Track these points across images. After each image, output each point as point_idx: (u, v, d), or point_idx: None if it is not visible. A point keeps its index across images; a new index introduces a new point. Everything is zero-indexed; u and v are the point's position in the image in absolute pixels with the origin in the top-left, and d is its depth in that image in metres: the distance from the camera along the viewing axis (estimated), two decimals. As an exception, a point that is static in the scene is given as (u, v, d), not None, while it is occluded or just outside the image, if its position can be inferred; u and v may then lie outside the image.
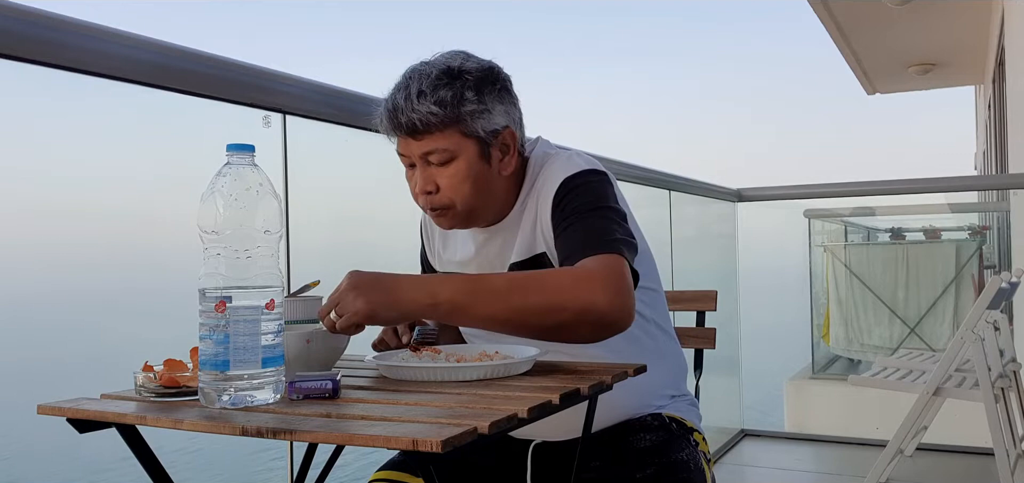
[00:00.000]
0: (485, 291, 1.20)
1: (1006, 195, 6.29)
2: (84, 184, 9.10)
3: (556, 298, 1.18)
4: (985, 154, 10.87)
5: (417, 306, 1.18)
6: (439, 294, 1.18)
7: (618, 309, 1.18)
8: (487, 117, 1.32)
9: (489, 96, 1.32)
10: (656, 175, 3.62)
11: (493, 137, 1.33)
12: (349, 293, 1.16)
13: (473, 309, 1.19)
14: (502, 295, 1.19)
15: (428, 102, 1.28)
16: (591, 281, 1.18)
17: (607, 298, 1.17)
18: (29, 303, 17.46)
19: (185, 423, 0.96)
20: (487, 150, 1.33)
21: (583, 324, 1.18)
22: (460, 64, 1.32)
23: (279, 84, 1.73)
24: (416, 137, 1.31)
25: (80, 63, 1.34)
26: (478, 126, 1.31)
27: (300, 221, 1.75)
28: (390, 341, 1.39)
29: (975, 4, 6.69)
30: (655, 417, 1.42)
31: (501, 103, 1.34)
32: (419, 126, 1.29)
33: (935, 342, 6.00)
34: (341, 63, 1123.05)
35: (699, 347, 1.79)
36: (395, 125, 1.31)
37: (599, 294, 1.17)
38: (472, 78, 1.31)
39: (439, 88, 1.28)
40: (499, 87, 1.35)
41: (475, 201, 1.34)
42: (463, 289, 1.19)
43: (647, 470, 1.32)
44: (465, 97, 1.30)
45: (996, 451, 2.75)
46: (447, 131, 1.30)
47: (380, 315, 1.17)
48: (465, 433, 0.84)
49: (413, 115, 1.28)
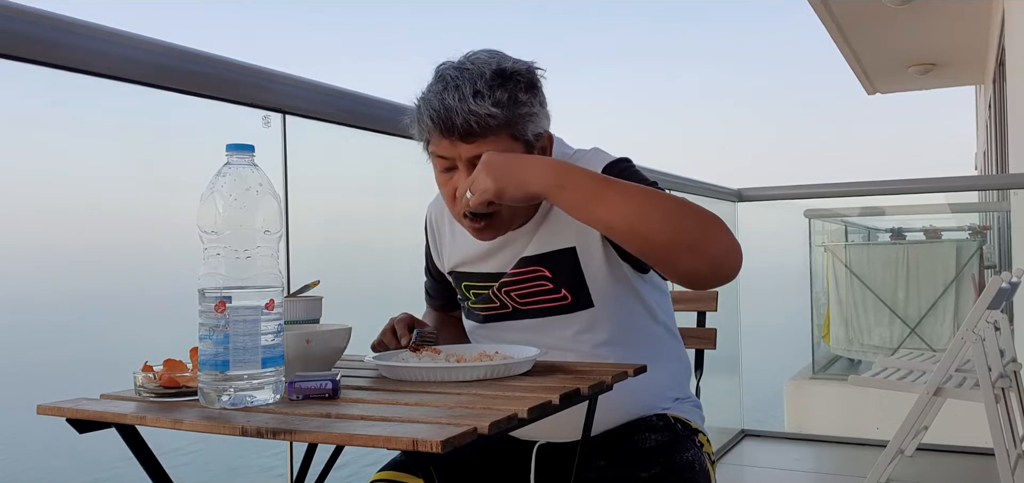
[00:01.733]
0: (615, 187, 1.18)
1: (1006, 195, 6.29)
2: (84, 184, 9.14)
3: (683, 216, 1.16)
4: (985, 154, 10.87)
5: (544, 187, 1.17)
6: (567, 180, 1.16)
7: (736, 254, 1.17)
8: (535, 120, 1.29)
9: (536, 98, 1.30)
10: (656, 175, 3.61)
11: (537, 140, 1.31)
12: (481, 172, 1.18)
13: (600, 201, 1.16)
14: (631, 196, 1.17)
15: (486, 103, 1.23)
16: (716, 219, 1.17)
17: (728, 240, 1.16)
18: (29, 303, 17.46)
19: (185, 423, 0.96)
20: (532, 153, 1.30)
21: (700, 253, 1.16)
22: (511, 65, 1.28)
23: (279, 84, 1.73)
24: (469, 140, 1.25)
25: (80, 63, 1.34)
26: (528, 129, 1.28)
27: (300, 221, 1.75)
28: (389, 343, 1.39)
29: (975, 4, 6.69)
30: (660, 418, 1.42)
31: (543, 106, 1.32)
32: (475, 128, 1.24)
33: (935, 342, 6.00)
34: (341, 63, 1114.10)
35: (699, 347, 1.80)
36: (447, 127, 1.25)
37: (723, 232, 1.16)
38: (523, 80, 1.28)
39: (495, 88, 1.24)
40: (541, 89, 1.33)
41: (518, 210, 1.32)
42: (593, 180, 1.17)
43: (653, 470, 1.32)
44: (519, 99, 1.26)
45: (996, 451, 2.75)
46: (500, 134, 1.25)
47: (508, 192, 1.17)
48: (465, 433, 0.84)
49: (470, 116, 1.23)
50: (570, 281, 1.37)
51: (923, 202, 6.26)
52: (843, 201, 6.39)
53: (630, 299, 1.41)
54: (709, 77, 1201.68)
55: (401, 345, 1.36)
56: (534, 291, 1.40)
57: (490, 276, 1.44)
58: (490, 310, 1.45)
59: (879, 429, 3.97)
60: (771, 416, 6.81)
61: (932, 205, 6.32)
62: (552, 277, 1.38)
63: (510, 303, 1.42)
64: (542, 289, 1.39)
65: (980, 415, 2.79)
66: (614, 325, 1.40)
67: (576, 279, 1.37)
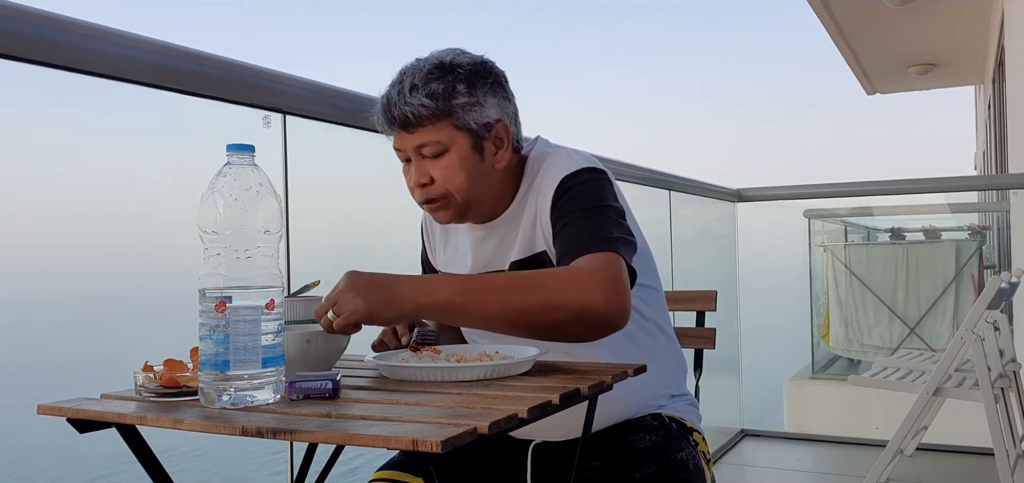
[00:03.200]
0: (483, 290, 1.20)
1: (1006, 195, 6.29)
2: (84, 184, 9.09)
3: (554, 297, 1.18)
4: (985, 154, 10.88)
5: (416, 306, 1.18)
6: (437, 293, 1.19)
7: (615, 308, 1.19)
8: (479, 110, 1.33)
9: (481, 89, 1.34)
10: (656, 175, 3.62)
11: (486, 130, 1.35)
12: (347, 293, 1.16)
13: (472, 308, 1.19)
14: (500, 294, 1.20)
15: (420, 95, 1.30)
16: (588, 281, 1.19)
17: (604, 297, 1.18)
18: (29, 303, 17.45)
19: (185, 423, 0.96)
20: (480, 143, 1.35)
21: (580, 323, 1.19)
22: (452, 59, 1.34)
23: (279, 84, 1.73)
24: (409, 130, 1.33)
25: (80, 63, 1.34)
26: (470, 119, 1.33)
27: (300, 221, 1.75)
28: (389, 342, 1.39)
29: (975, 4, 6.69)
30: (655, 417, 1.42)
31: (494, 97, 1.36)
32: (411, 119, 1.31)
33: (935, 342, 6.00)
34: (341, 63, 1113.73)
35: (699, 347, 1.79)
36: (389, 119, 1.34)
37: (596, 293, 1.18)
38: (464, 71, 1.33)
39: (431, 81, 1.31)
40: (491, 81, 1.36)
41: (470, 193, 1.36)
42: (461, 288, 1.20)
43: (647, 470, 1.32)
44: (456, 90, 1.32)
45: (996, 451, 2.75)
46: (439, 124, 1.32)
47: (379, 315, 1.17)
48: (465, 433, 0.84)
49: (405, 108, 1.30)
50: None
51: (923, 202, 6.26)
52: (843, 201, 6.39)
53: None
54: (709, 77, 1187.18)
55: (401, 343, 1.37)
56: None
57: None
58: None
59: (879, 429, 3.97)
60: (771, 416, 6.81)
61: (932, 205, 6.32)
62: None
63: None
64: None
65: (980, 415, 2.79)
66: None
67: None
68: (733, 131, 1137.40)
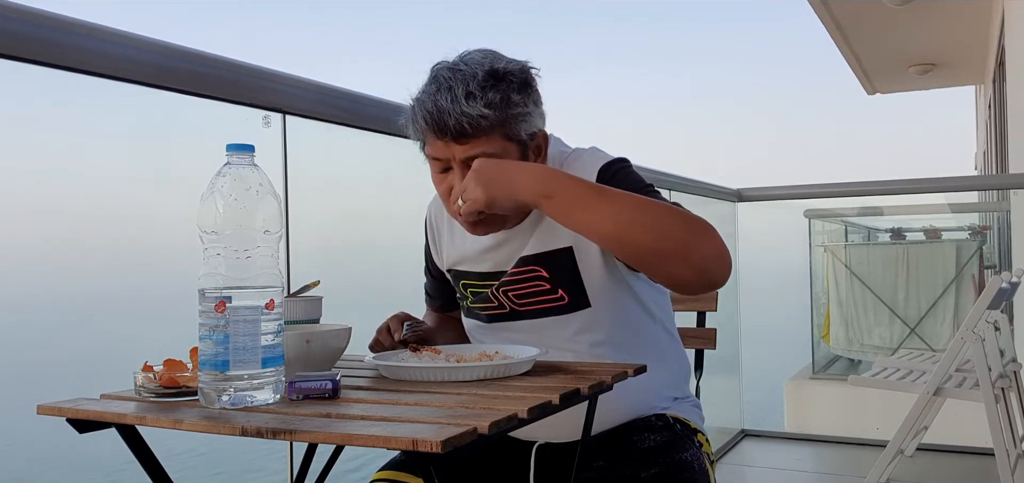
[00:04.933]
0: (602, 194, 1.18)
1: (1006, 195, 6.28)
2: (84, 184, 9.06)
3: (671, 224, 1.17)
4: (985, 154, 10.88)
5: (533, 195, 1.17)
6: (554, 187, 1.17)
7: (724, 261, 1.18)
8: (529, 120, 1.29)
9: (529, 98, 1.30)
10: (656, 175, 3.61)
11: (531, 139, 1.31)
12: (471, 180, 1.19)
13: (586, 208, 1.17)
14: (618, 203, 1.17)
15: (478, 105, 1.23)
16: (705, 227, 1.18)
17: (715, 247, 1.17)
18: (29, 303, 17.44)
19: (185, 423, 0.96)
20: (525, 153, 1.31)
21: (687, 261, 1.17)
22: (504, 66, 1.28)
23: (279, 84, 1.73)
24: (462, 141, 1.26)
25: (80, 63, 1.34)
26: (521, 129, 1.28)
27: (300, 221, 1.75)
28: (384, 340, 1.39)
29: (975, 4, 6.69)
30: (659, 417, 1.42)
31: (537, 105, 1.32)
32: (468, 129, 1.24)
33: (935, 342, 6.00)
34: (341, 63, 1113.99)
35: (699, 347, 1.80)
36: (440, 128, 1.25)
37: (710, 240, 1.17)
38: (516, 80, 1.28)
39: (487, 89, 1.24)
40: (535, 88, 1.33)
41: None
42: (581, 188, 1.18)
43: (651, 470, 1.32)
44: (512, 99, 1.26)
45: (996, 451, 2.75)
46: (493, 135, 1.26)
47: (498, 201, 1.18)
48: (465, 433, 0.84)
49: (463, 117, 1.23)
50: (567, 281, 1.37)
51: (923, 202, 6.25)
52: (843, 201, 6.39)
53: (627, 299, 1.41)
54: (709, 77, 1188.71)
55: (395, 341, 1.37)
56: (531, 291, 1.40)
57: (488, 275, 1.44)
58: (489, 310, 1.45)
59: (879, 429, 3.97)
60: (771, 416, 6.80)
61: (932, 205, 6.32)
62: (549, 277, 1.38)
63: (508, 304, 1.42)
64: (539, 289, 1.39)
65: (980, 415, 2.79)
66: (611, 325, 1.39)
67: (573, 279, 1.37)
68: (733, 131, 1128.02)
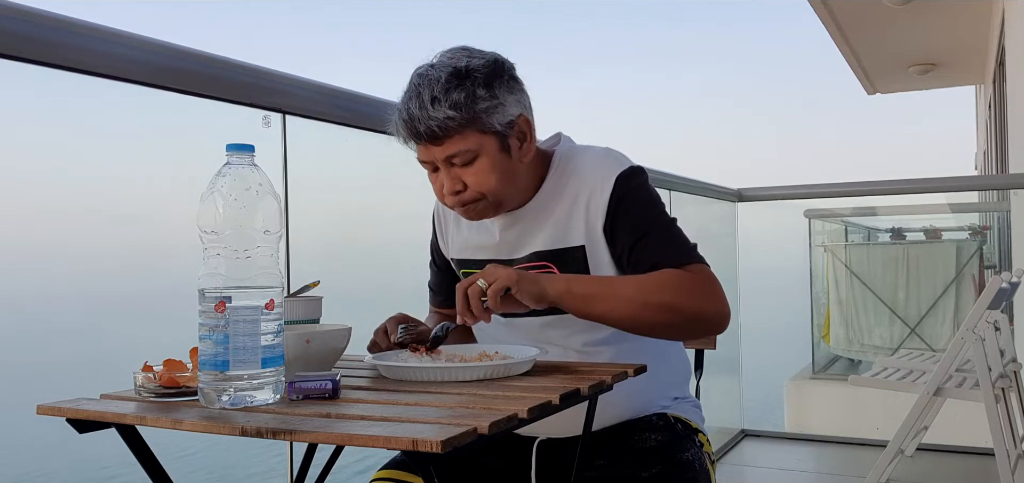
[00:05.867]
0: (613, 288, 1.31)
1: (1006, 195, 6.28)
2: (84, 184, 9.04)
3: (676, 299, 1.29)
4: (985, 154, 10.87)
5: (557, 292, 1.27)
6: (573, 287, 1.29)
7: (723, 314, 1.32)
8: (501, 110, 1.33)
9: (499, 88, 1.34)
10: (656, 175, 3.61)
11: (510, 128, 1.35)
12: (492, 268, 1.24)
13: (603, 302, 1.29)
14: (629, 294, 1.29)
15: (443, 107, 1.29)
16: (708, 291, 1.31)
17: (715, 306, 1.32)
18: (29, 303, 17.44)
19: (185, 423, 0.96)
20: (506, 142, 1.36)
21: (692, 330, 1.38)
22: (466, 63, 1.32)
23: (279, 84, 1.73)
24: (437, 143, 1.32)
25: (80, 63, 1.34)
26: (494, 121, 1.33)
27: (300, 221, 1.75)
28: (381, 342, 1.40)
29: (975, 4, 6.69)
30: (661, 417, 1.42)
31: (511, 93, 1.36)
32: (438, 132, 1.30)
33: (935, 342, 5.99)
34: (341, 63, 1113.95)
35: (699, 347, 1.79)
36: (414, 134, 1.32)
37: (712, 301, 1.31)
38: (481, 75, 1.32)
39: (451, 91, 1.29)
40: (507, 77, 1.36)
41: (503, 192, 1.37)
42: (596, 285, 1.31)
43: (653, 469, 1.32)
44: (477, 95, 1.31)
45: (996, 451, 2.75)
46: (466, 132, 1.31)
47: (524, 287, 1.24)
48: (465, 433, 0.84)
49: (431, 122, 1.29)
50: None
51: (923, 202, 6.25)
52: (843, 201, 6.38)
53: None
54: (709, 77, 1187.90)
55: (392, 342, 1.37)
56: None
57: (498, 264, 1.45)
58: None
59: (879, 429, 3.97)
60: (771, 416, 6.80)
61: (932, 205, 6.31)
62: (560, 273, 1.40)
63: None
64: None
65: (980, 415, 2.79)
66: (607, 328, 1.40)
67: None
68: (733, 131, 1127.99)
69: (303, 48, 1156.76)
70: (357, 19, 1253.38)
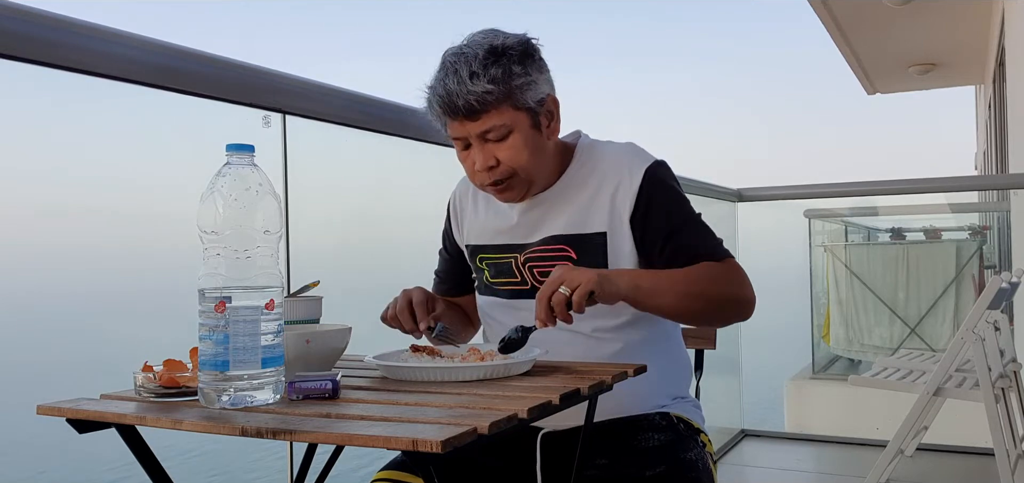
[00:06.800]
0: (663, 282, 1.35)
1: (1006, 195, 6.28)
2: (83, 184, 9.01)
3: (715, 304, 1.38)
4: (985, 154, 10.87)
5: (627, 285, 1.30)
6: (640, 282, 1.32)
7: (753, 300, 1.41)
8: (534, 88, 1.38)
9: (532, 67, 1.39)
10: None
11: (540, 105, 1.40)
12: (569, 271, 1.24)
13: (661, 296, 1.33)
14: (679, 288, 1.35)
15: (482, 82, 1.32)
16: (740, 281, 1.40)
17: (749, 293, 1.40)
18: (29, 303, 17.44)
19: (185, 423, 0.96)
20: (537, 119, 1.40)
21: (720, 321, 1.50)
22: (502, 41, 1.37)
23: (279, 84, 1.73)
24: (473, 117, 1.35)
25: (81, 63, 1.34)
26: (528, 97, 1.37)
27: (300, 221, 1.75)
28: (405, 323, 1.40)
29: (975, 4, 6.69)
30: (663, 417, 1.43)
31: (541, 72, 1.41)
32: (476, 106, 1.34)
33: (935, 342, 5.99)
34: (341, 63, 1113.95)
35: (699, 347, 1.79)
36: (452, 109, 1.35)
37: (745, 289, 1.39)
38: (515, 52, 1.37)
39: (489, 67, 1.33)
40: (537, 57, 1.41)
41: (533, 169, 1.41)
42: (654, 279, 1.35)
43: (657, 468, 1.33)
44: (513, 71, 1.35)
45: (996, 451, 2.75)
46: (502, 107, 1.35)
47: (606, 288, 1.26)
48: (465, 433, 0.84)
49: (469, 96, 1.33)
50: (593, 265, 1.41)
51: (923, 202, 6.25)
52: (843, 201, 6.39)
53: None
54: (709, 77, 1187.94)
55: (419, 330, 1.37)
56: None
57: (508, 247, 1.49)
58: (510, 285, 1.49)
59: (879, 429, 3.97)
60: (771, 416, 6.80)
61: (932, 205, 6.31)
62: (577, 259, 1.43)
63: (529, 279, 1.46)
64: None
65: (980, 415, 2.79)
66: (622, 316, 1.43)
67: (600, 265, 1.42)
68: (733, 131, 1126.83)
69: (303, 48, 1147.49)
70: (357, 19, 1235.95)
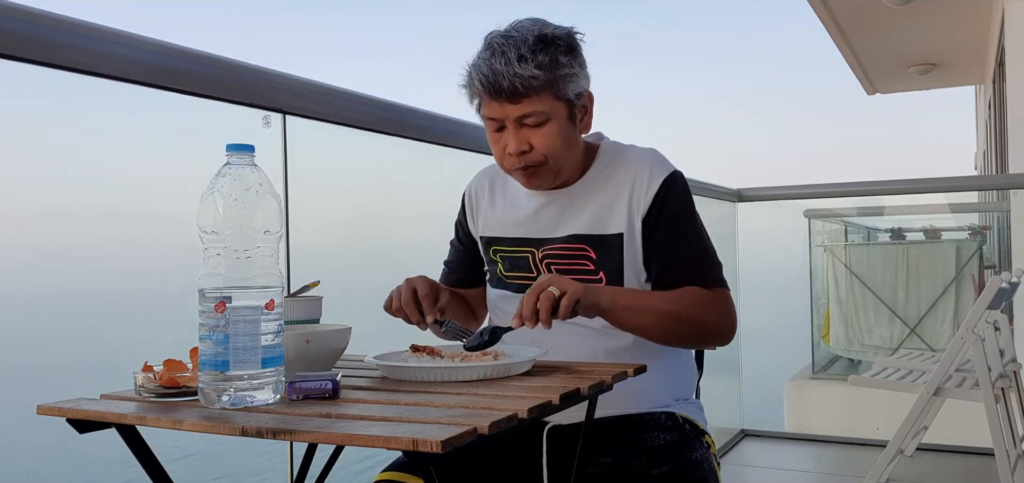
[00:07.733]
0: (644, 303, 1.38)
1: (1006, 195, 6.28)
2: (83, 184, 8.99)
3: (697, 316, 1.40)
4: (985, 154, 10.87)
5: (607, 301, 1.33)
6: (617, 299, 1.35)
7: (731, 334, 1.45)
8: (575, 80, 1.40)
9: (576, 60, 1.41)
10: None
11: (578, 99, 1.42)
12: (557, 278, 1.26)
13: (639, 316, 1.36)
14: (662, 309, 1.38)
15: (529, 66, 1.34)
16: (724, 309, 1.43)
17: (728, 328, 1.44)
18: (29, 303, 17.44)
19: (185, 423, 0.96)
20: (573, 111, 1.42)
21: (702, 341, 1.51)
22: (552, 31, 1.39)
23: (279, 84, 1.73)
24: (515, 100, 1.37)
25: (80, 63, 1.34)
26: (569, 88, 1.39)
27: (300, 221, 1.75)
28: (411, 314, 1.39)
29: (975, 4, 6.69)
30: (669, 417, 1.44)
31: (582, 67, 1.43)
32: (520, 89, 1.35)
33: (935, 342, 5.99)
34: (341, 63, 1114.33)
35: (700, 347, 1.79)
36: (495, 89, 1.36)
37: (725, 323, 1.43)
38: (563, 43, 1.39)
39: (537, 52, 1.35)
40: (580, 51, 1.43)
41: (564, 159, 1.43)
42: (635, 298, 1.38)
43: (664, 468, 1.34)
44: (560, 61, 1.37)
45: (996, 451, 2.75)
46: (544, 94, 1.37)
47: (589, 300, 1.28)
48: (465, 433, 0.84)
49: (516, 79, 1.34)
50: (610, 266, 1.44)
51: (923, 202, 6.25)
52: (843, 201, 6.39)
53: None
54: (709, 77, 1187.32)
55: (426, 322, 1.37)
56: (574, 268, 1.45)
57: (524, 241, 1.50)
58: (522, 279, 1.49)
59: (879, 429, 3.97)
60: (771, 416, 6.80)
61: (932, 205, 6.31)
62: (596, 259, 1.45)
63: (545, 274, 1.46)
64: (582, 268, 1.45)
65: (980, 415, 2.79)
66: None
67: (616, 265, 1.44)
68: (733, 131, 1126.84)
69: (303, 48, 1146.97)
70: (357, 19, 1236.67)
